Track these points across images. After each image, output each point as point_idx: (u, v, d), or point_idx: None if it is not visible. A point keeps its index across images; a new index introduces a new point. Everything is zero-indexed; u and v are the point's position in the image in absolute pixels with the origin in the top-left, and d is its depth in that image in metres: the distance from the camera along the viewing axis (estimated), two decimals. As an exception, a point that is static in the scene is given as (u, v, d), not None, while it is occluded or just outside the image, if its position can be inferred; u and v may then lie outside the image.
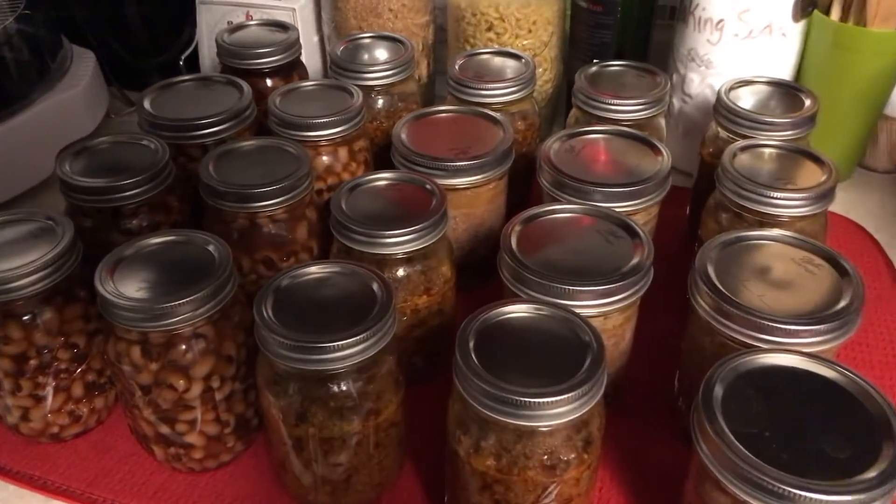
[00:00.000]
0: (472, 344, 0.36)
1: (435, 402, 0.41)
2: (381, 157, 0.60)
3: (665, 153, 0.52)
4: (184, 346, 0.40)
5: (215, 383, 0.42)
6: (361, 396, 0.39)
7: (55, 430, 0.46)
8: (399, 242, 0.45)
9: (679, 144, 0.70)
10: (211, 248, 0.42)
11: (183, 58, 0.79)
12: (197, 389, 0.41)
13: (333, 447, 0.40)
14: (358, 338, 0.37)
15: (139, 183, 0.48)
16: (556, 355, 0.36)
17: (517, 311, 0.38)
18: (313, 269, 0.41)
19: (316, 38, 0.79)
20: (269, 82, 0.65)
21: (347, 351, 0.37)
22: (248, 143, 0.52)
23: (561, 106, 0.79)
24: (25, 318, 0.42)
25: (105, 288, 0.39)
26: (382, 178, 0.49)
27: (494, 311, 0.38)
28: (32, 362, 0.43)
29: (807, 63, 0.67)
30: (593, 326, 0.37)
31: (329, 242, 0.52)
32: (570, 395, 0.34)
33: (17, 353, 0.42)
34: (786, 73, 0.66)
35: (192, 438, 0.43)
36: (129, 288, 0.40)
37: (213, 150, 0.51)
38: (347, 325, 0.37)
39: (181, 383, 0.40)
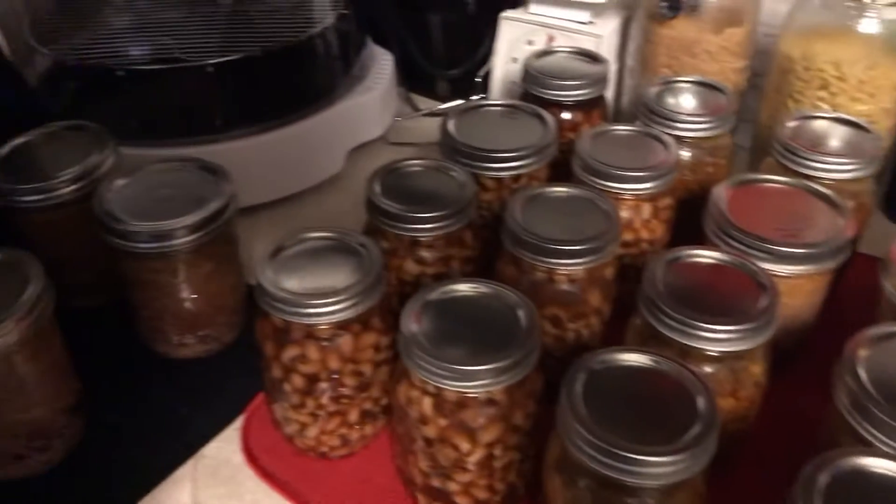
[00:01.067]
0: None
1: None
2: (680, 213, 0.55)
3: None
4: (476, 409, 0.38)
5: (497, 451, 0.39)
6: (659, 512, 0.35)
7: (324, 449, 0.46)
8: (721, 339, 0.39)
9: None
10: (520, 311, 0.39)
11: (481, 74, 0.78)
12: (479, 454, 0.39)
13: (616, 558, 0.36)
14: (675, 458, 0.32)
15: (444, 217, 0.47)
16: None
17: (877, 466, 0.32)
18: (626, 356, 0.37)
19: (614, 68, 0.75)
20: (567, 115, 0.62)
21: (660, 469, 0.32)
22: (558, 191, 0.49)
23: (882, 184, 0.69)
24: (325, 342, 0.42)
25: (410, 333, 0.38)
26: (707, 257, 0.44)
27: (844, 461, 0.32)
28: (321, 384, 0.43)
29: None
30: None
31: (620, 308, 0.48)
32: None
33: (310, 373, 0.42)
34: None
35: (461, 499, 0.41)
36: (432, 337, 0.38)
37: (521, 193, 0.48)
38: (664, 439, 0.33)
39: (465, 446, 0.38)
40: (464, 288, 0.41)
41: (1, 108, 0.59)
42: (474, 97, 0.84)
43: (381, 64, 0.79)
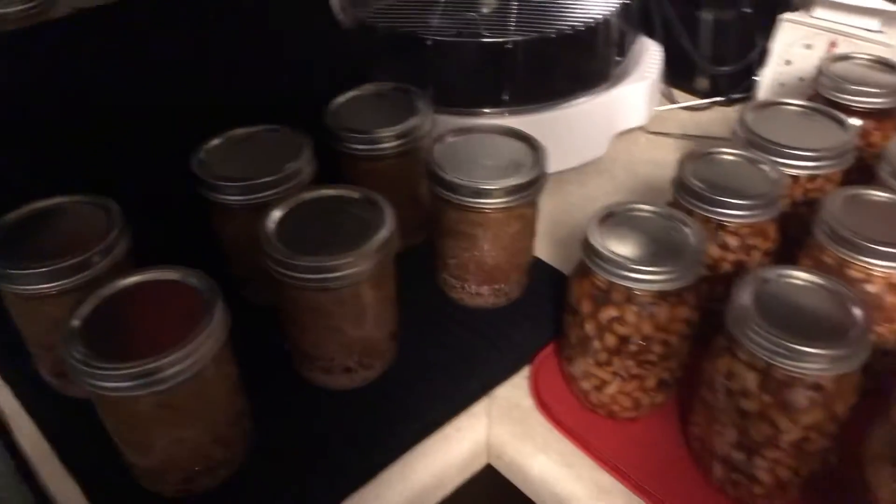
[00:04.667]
0: None
1: None
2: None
3: None
4: (802, 391, 0.40)
5: (813, 435, 0.41)
6: None
7: (616, 408, 0.49)
8: None
9: None
10: (855, 308, 0.40)
11: (758, 74, 0.78)
12: (795, 435, 0.41)
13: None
14: None
15: (754, 206, 0.49)
16: None
17: None
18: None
19: (899, 79, 0.73)
20: (857, 121, 0.62)
21: None
22: (878, 195, 0.49)
23: None
24: (643, 308, 0.45)
25: (744, 307, 0.40)
26: None
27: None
28: (631, 347, 0.46)
29: None
30: None
31: None
32: None
33: (624, 334, 0.46)
34: None
35: (763, 475, 0.43)
36: (765, 315, 0.40)
37: (839, 192, 0.49)
38: None
39: (785, 424, 0.40)
40: (801, 275, 0.43)
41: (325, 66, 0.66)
42: (735, 95, 0.85)
43: (651, 54, 0.80)
